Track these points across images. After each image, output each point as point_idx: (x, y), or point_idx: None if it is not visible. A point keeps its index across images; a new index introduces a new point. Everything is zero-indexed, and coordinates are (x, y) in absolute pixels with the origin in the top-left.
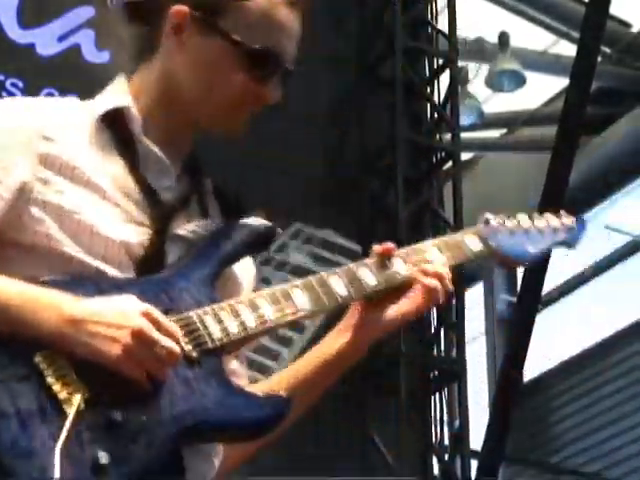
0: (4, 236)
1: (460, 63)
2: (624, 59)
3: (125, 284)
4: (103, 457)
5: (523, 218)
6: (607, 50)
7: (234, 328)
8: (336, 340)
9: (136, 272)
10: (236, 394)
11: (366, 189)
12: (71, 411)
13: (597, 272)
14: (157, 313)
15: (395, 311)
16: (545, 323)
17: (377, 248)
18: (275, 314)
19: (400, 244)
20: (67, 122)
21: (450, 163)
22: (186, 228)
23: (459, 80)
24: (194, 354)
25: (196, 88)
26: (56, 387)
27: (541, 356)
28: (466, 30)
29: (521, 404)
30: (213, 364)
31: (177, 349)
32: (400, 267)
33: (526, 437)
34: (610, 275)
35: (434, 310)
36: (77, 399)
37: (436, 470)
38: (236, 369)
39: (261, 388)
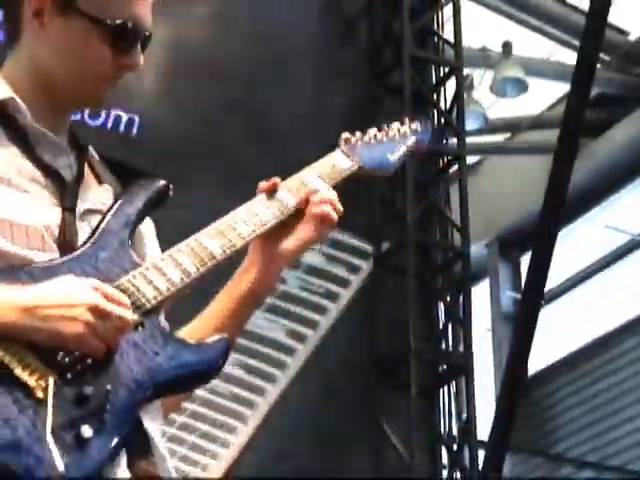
0: None
1: (465, 71)
2: (622, 66)
3: (53, 266)
4: (86, 431)
5: (374, 131)
6: (606, 57)
7: (163, 285)
8: (244, 278)
9: (60, 253)
10: (183, 346)
11: (377, 192)
12: (48, 396)
13: (597, 270)
14: (105, 285)
15: (294, 241)
16: (548, 319)
17: (262, 185)
18: (196, 265)
19: (409, 244)
20: None
21: (456, 166)
22: (92, 200)
23: (464, 87)
24: (136, 317)
25: (65, 70)
26: (24, 376)
27: (544, 350)
28: (471, 39)
29: (525, 396)
30: (154, 323)
31: (130, 316)
32: (288, 199)
33: (530, 428)
34: (609, 273)
35: (442, 307)
36: (51, 383)
37: (445, 460)
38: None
39: (187, 334)
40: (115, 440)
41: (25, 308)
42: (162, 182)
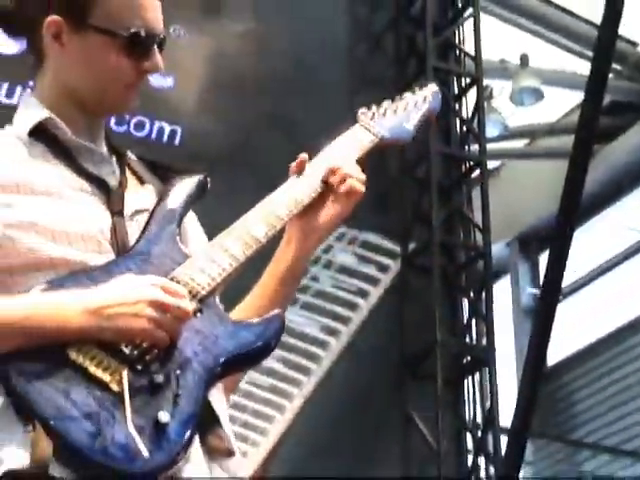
0: None
1: (485, 81)
2: (633, 75)
3: (111, 267)
4: (163, 416)
5: (388, 103)
6: (617, 67)
7: (214, 272)
8: (282, 258)
9: (115, 253)
10: (240, 326)
11: (404, 196)
12: (124, 388)
13: (611, 267)
14: (162, 279)
15: (326, 216)
16: (565, 313)
17: (293, 167)
18: (242, 249)
19: (434, 244)
20: (3, 150)
21: (478, 171)
22: (137, 201)
23: (484, 97)
24: (194, 305)
25: (89, 83)
26: (98, 373)
27: (563, 343)
28: (490, 52)
29: (545, 386)
30: (211, 308)
31: (189, 306)
32: (317, 176)
33: (550, 415)
34: (621, 270)
35: (466, 303)
36: (124, 375)
37: (470, 446)
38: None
39: (236, 314)
40: (191, 421)
41: (91, 311)
42: (200, 176)
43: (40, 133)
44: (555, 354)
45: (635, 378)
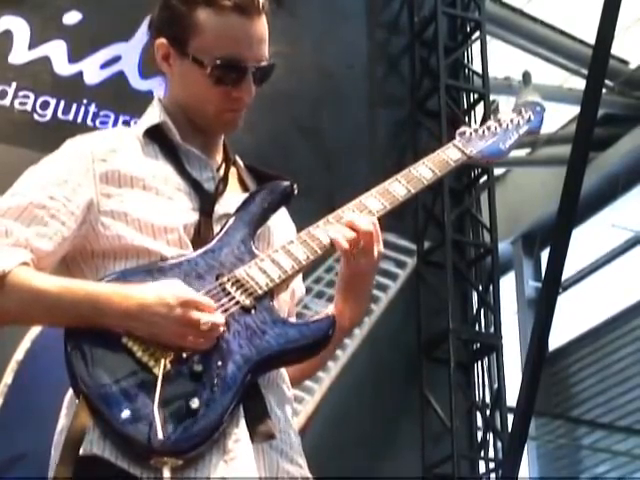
0: (86, 251)
1: (492, 97)
2: (624, 90)
3: (182, 262)
4: (194, 402)
5: (491, 122)
6: (610, 83)
7: (275, 274)
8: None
9: (194, 248)
10: (289, 325)
11: (419, 199)
12: (159, 374)
13: (606, 262)
14: (192, 295)
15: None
16: (566, 303)
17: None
18: (305, 254)
19: (447, 243)
20: (117, 144)
21: (485, 177)
22: (230, 205)
23: (491, 110)
24: (248, 302)
25: (188, 103)
26: (145, 358)
27: (563, 329)
28: (496, 70)
29: (547, 368)
30: (266, 306)
31: (218, 319)
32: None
33: (552, 395)
34: (616, 265)
35: (475, 295)
36: (163, 362)
37: (480, 423)
38: (285, 298)
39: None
40: (222, 410)
41: (130, 315)
42: (285, 184)
43: (155, 134)
44: (555, 340)
45: (626, 362)
